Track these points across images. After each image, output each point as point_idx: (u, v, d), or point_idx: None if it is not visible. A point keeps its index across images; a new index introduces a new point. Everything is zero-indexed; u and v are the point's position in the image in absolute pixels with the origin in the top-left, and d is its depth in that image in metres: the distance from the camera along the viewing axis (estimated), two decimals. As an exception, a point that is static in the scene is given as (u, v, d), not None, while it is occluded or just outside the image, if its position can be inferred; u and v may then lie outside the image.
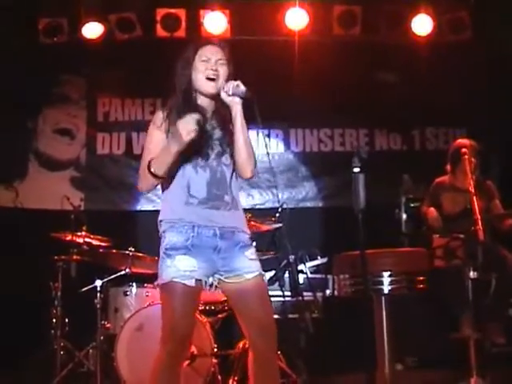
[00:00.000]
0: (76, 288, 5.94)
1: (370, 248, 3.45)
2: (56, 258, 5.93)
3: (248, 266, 3.36)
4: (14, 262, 6.79)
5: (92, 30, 7.31)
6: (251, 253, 3.41)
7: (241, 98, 3.30)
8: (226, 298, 4.56)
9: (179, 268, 3.27)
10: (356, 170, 3.21)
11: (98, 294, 5.78)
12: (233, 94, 3.29)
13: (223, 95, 3.33)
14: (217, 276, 3.37)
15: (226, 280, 3.36)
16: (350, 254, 3.99)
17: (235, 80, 3.35)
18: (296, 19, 7.22)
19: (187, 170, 3.34)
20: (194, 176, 3.34)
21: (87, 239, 6.05)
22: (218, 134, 3.42)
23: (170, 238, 3.34)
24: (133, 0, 7.32)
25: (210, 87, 3.36)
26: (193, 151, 3.30)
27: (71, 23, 7.38)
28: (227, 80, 3.37)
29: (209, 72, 3.35)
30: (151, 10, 7.32)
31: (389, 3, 7.38)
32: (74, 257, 5.97)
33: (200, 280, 3.30)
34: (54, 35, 7.37)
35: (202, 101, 3.43)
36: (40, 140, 7.84)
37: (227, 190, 3.39)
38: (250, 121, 3.38)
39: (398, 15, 7.40)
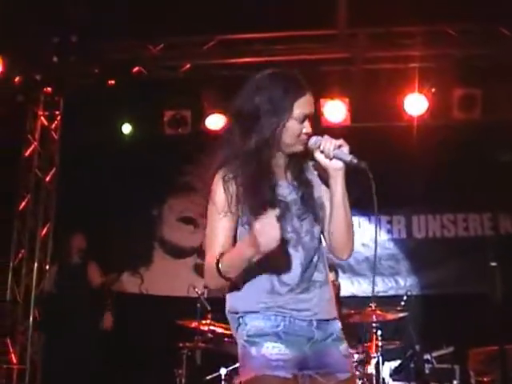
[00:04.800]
0: (201, 376, 5.96)
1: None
2: (181, 345, 6.00)
3: (341, 364, 2.69)
4: (138, 347, 6.93)
5: (214, 122, 7.53)
6: (345, 348, 2.73)
7: (346, 163, 2.63)
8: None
9: (269, 357, 2.57)
10: (493, 263, 3.11)
11: (223, 383, 5.79)
12: (334, 156, 2.63)
13: (319, 157, 2.66)
14: (306, 372, 2.66)
15: (316, 376, 2.66)
16: (488, 349, 3.86)
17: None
18: (415, 105, 7.23)
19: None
20: (283, 260, 2.63)
21: (212, 327, 6.09)
22: (298, 195, 2.71)
23: (253, 324, 2.63)
24: (253, 91, 7.50)
25: (300, 148, 2.71)
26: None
27: (194, 115, 7.71)
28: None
29: (304, 137, 2.68)
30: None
31: (508, 83, 7.28)
32: (199, 344, 6.02)
33: (295, 375, 2.61)
34: (178, 126, 7.69)
35: (278, 159, 2.73)
36: (165, 228, 8.14)
37: (316, 266, 2.71)
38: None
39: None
